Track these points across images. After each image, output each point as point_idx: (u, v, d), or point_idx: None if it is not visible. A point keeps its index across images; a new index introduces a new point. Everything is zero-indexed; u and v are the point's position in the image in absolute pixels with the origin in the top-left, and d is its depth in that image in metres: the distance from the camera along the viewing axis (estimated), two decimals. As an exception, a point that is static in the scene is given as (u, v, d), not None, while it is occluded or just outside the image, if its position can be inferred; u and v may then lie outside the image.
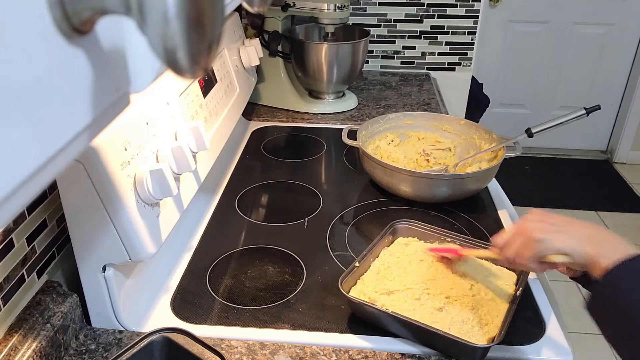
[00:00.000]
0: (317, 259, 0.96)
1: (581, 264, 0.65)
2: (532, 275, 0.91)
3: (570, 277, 0.75)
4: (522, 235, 0.70)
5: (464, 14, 1.86)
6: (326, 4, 1.47)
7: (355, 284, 0.84)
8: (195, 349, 0.68)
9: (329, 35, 1.55)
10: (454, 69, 1.95)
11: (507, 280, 0.85)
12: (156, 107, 0.81)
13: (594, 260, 0.62)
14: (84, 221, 0.73)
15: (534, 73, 3.26)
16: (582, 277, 0.72)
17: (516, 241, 0.71)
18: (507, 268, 0.88)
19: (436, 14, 1.87)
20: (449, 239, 0.93)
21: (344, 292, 0.78)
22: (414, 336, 0.77)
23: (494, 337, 0.73)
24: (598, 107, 1.05)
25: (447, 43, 1.91)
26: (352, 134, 1.20)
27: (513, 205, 1.17)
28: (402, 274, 0.85)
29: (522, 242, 0.69)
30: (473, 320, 0.77)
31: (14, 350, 0.67)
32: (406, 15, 1.88)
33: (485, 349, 0.72)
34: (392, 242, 0.93)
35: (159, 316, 0.82)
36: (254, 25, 1.64)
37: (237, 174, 1.26)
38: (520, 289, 0.80)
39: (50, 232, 0.80)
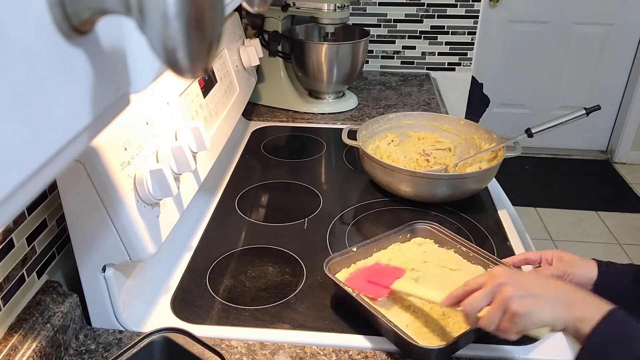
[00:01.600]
0: (317, 259, 0.96)
1: (561, 329, 0.64)
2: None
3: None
4: (501, 306, 0.64)
5: (464, 14, 1.86)
6: (326, 4, 1.47)
7: (349, 266, 0.86)
8: (195, 349, 0.68)
9: (329, 35, 1.55)
10: (454, 69, 1.95)
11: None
12: (156, 107, 0.81)
13: (576, 327, 0.62)
14: (84, 221, 0.73)
15: (534, 73, 3.25)
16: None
17: (496, 315, 0.65)
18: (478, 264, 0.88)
19: (436, 14, 1.87)
20: (464, 249, 0.90)
21: (326, 271, 0.81)
22: (377, 326, 0.78)
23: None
24: (598, 107, 1.05)
25: (447, 43, 1.91)
26: (352, 134, 1.20)
27: (513, 205, 1.18)
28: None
29: (504, 318, 0.64)
30: (439, 322, 0.77)
31: (14, 350, 0.67)
32: (406, 15, 1.88)
33: (434, 351, 0.71)
34: (408, 240, 0.94)
35: (159, 316, 0.82)
36: (254, 25, 1.64)
37: (237, 174, 1.26)
38: None
39: (50, 232, 0.80)
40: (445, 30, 1.89)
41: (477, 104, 2.20)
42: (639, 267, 0.80)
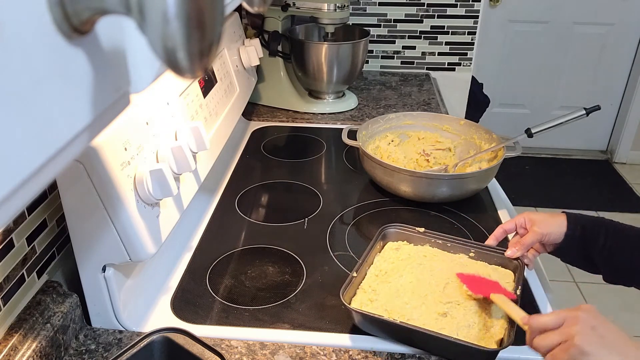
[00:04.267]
0: (317, 259, 0.96)
1: None
2: (529, 273, 0.92)
3: None
4: (565, 335, 0.62)
5: (464, 14, 1.86)
6: (326, 4, 1.47)
7: (355, 294, 0.81)
8: (195, 349, 0.68)
9: (329, 35, 1.55)
10: (454, 69, 1.95)
11: (505, 279, 0.85)
12: (156, 107, 0.81)
13: None
14: (84, 221, 0.73)
15: (534, 73, 3.25)
16: None
17: (554, 338, 0.63)
18: (502, 267, 0.88)
19: (436, 14, 1.87)
20: (440, 241, 0.92)
21: (347, 305, 0.76)
22: (423, 345, 0.76)
23: (502, 339, 0.73)
24: (598, 107, 1.06)
25: (447, 43, 1.91)
26: (352, 134, 1.20)
27: (513, 205, 1.18)
28: (398, 279, 0.84)
29: (562, 346, 0.62)
30: (479, 323, 0.76)
31: (14, 350, 0.67)
32: (406, 15, 1.88)
33: (496, 352, 0.71)
34: (382, 248, 0.92)
35: (159, 316, 0.82)
36: (254, 25, 1.64)
37: (237, 174, 1.26)
38: (520, 287, 0.80)
39: (50, 232, 0.80)
40: (445, 30, 1.89)
41: (477, 104, 2.20)
42: (604, 220, 0.85)
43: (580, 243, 0.84)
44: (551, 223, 0.85)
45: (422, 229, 0.93)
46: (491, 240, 0.90)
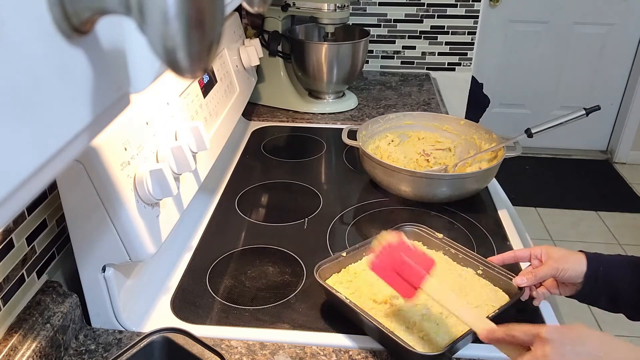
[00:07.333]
0: (317, 259, 0.96)
1: None
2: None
3: None
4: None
5: (464, 14, 1.86)
6: (326, 4, 1.47)
7: (340, 272, 0.85)
8: (195, 349, 0.68)
9: (329, 35, 1.55)
10: (454, 69, 1.95)
11: (497, 302, 0.81)
12: (156, 107, 0.81)
13: None
14: (84, 221, 0.73)
15: (534, 73, 3.25)
16: None
17: None
18: (504, 292, 0.83)
19: (436, 14, 1.87)
20: (453, 251, 0.90)
21: (316, 277, 0.80)
22: (369, 332, 0.77)
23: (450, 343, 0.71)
24: (598, 108, 1.05)
25: (447, 43, 1.91)
26: (352, 134, 1.20)
27: (513, 205, 1.18)
28: None
29: None
30: (432, 327, 0.75)
31: (14, 350, 0.67)
32: (406, 15, 1.88)
33: (428, 357, 0.70)
34: None
35: (159, 316, 0.82)
36: (254, 25, 1.64)
37: (237, 174, 1.26)
38: (495, 312, 0.77)
39: (50, 232, 0.80)
40: (445, 30, 1.89)
41: (477, 104, 2.20)
42: (627, 258, 0.81)
43: (605, 283, 0.79)
44: (569, 259, 0.80)
45: (440, 235, 0.92)
46: (497, 259, 0.85)
